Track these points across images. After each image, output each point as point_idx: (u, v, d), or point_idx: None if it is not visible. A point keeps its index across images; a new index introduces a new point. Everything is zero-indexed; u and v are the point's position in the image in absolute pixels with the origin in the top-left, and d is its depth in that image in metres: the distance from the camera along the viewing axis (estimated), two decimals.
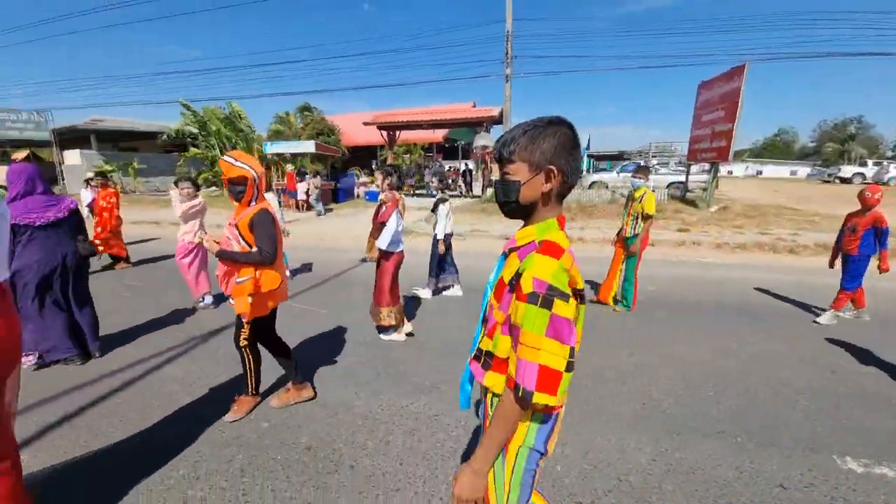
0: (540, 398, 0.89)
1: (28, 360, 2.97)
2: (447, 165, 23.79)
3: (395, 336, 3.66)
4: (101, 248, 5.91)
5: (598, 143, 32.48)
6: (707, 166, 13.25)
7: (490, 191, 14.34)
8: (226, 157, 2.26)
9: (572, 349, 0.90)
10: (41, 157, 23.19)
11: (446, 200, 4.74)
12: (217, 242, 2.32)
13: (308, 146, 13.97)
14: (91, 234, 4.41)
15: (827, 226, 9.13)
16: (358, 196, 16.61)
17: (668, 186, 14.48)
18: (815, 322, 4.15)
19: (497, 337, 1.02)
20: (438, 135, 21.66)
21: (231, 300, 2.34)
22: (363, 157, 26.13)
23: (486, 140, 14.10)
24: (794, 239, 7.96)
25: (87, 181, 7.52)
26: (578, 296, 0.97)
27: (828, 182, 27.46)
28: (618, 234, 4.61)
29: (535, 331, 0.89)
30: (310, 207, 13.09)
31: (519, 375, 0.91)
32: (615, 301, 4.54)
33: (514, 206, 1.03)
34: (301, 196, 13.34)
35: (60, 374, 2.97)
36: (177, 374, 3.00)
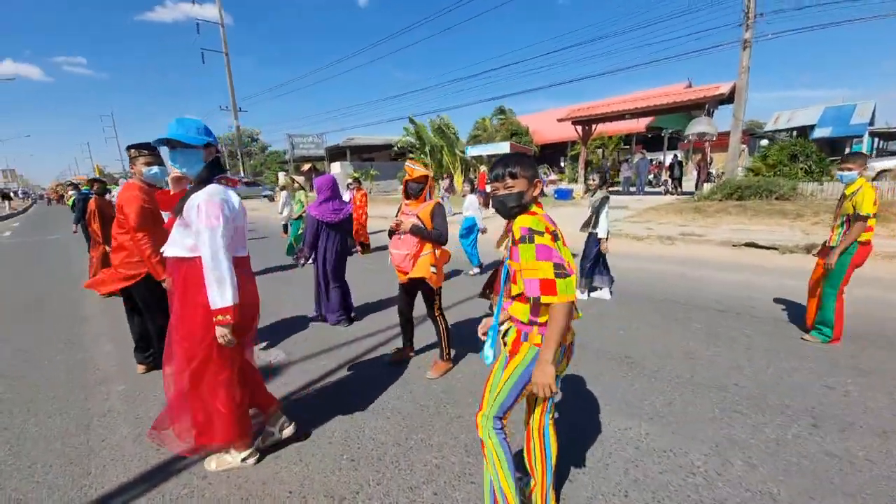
0: (546, 299, 1.34)
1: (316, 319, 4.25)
2: (651, 158, 21.02)
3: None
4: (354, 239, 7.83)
5: (889, 115, 22.32)
6: None
7: (707, 186, 11.93)
8: (409, 164, 2.85)
9: (556, 264, 1.34)
10: (318, 168, 32.33)
11: (608, 199, 4.60)
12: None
13: (503, 147, 14.80)
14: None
15: None
16: (545, 195, 16.56)
17: None
18: None
19: (519, 281, 1.44)
20: (641, 125, 19.31)
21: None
22: (554, 154, 25.83)
23: (704, 125, 11.76)
24: None
25: (348, 185, 10.03)
26: (553, 234, 1.41)
27: None
28: (823, 244, 3.44)
29: (529, 257, 1.36)
30: None
31: (528, 290, 1.37)
32: (811, 329, 3.43)
33: (518, 209, 1.46)
34: None
35: (334, 333, 4.11)
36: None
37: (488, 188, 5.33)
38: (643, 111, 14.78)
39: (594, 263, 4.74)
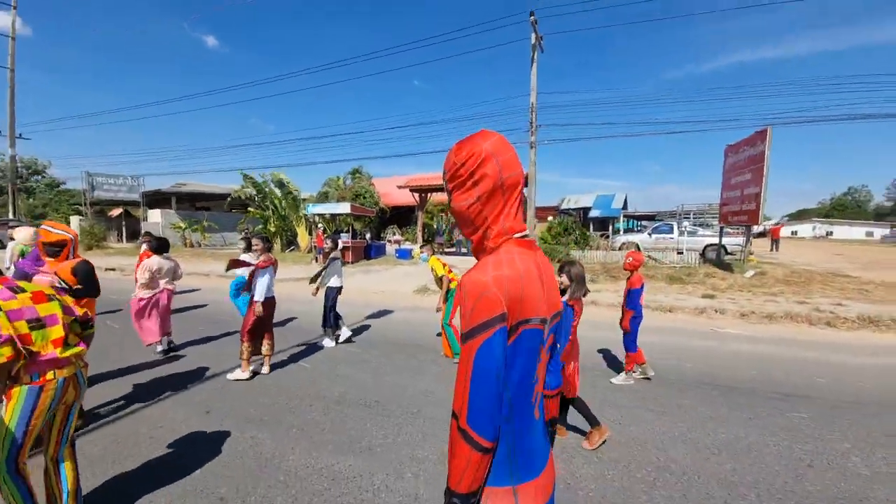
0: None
1: None
2: None
3: (237, 372, 4.21)
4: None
5: (638, 204, 31.76)
6: (756, 228, 12.59)
7: None
8: (45, 226, 3.02)
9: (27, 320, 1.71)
10: (132, 214, 27.19)
11: (338, 258, 5.65)
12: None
13: (344, 207, 15.26)
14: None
15: (881, 296, 8.19)
16: (389, 254, 17.47)
17: (704, 249, 13.83)
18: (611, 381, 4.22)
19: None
20: None
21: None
22: (403, 216, 27.69)
23: None
24: (834, 310, 7.22)
25: (139, 241, 8.75)
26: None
27: None
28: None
29: None
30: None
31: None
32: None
33: None
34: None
35: None
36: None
37: (326, 245, 5.53)
38: None
39: (334, 312, 5.54)
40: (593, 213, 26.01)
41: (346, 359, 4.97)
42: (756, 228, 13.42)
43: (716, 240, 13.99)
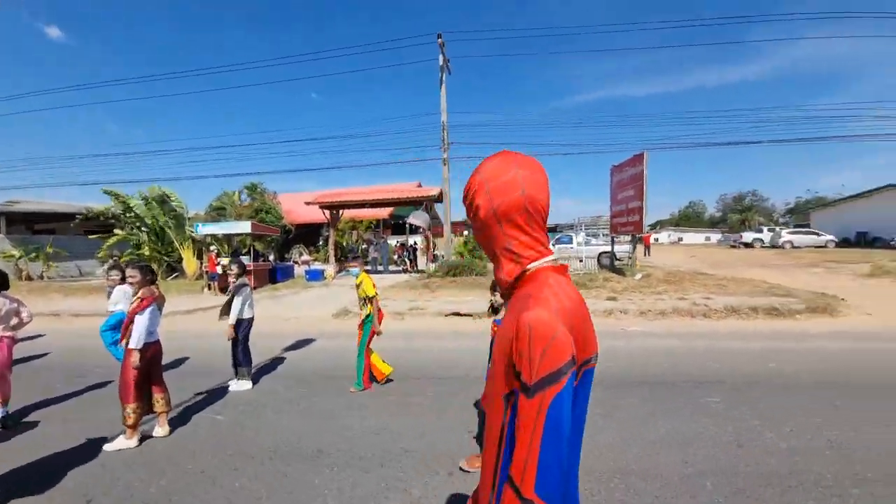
0: None
1: None
2: (395, 241, 24.12)
3: (120, 441, 3.25)
4: None
5: None
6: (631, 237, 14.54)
7: (433, 266, 14.51)
8: None
9: None
10: None
11: (247, 285, 4.83)
12: None
13: (244, 226, 13.62)
14: None
15: (734, 289, 10.05)
16: (298, 276, 16.08)
17: (598, 256, 15.55)
18: None
19: None
20: (384, 212, 22.25)
21: None
22: (310, 234, 25.93)
23: (420, 219, 14.53)
24: (706, 304, 8.61)
25: None
26: None
27: (734, 247, 31.05)
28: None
29: None
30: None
31: None
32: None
33: None
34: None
35: None
36: None
37: (218, 269, 4.50)
38: (381, 202, 17.12)
39: (244, 349, 4.73)
40: None
41: (267, 402, 4.25)
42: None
43: (608, 248, 15.85)
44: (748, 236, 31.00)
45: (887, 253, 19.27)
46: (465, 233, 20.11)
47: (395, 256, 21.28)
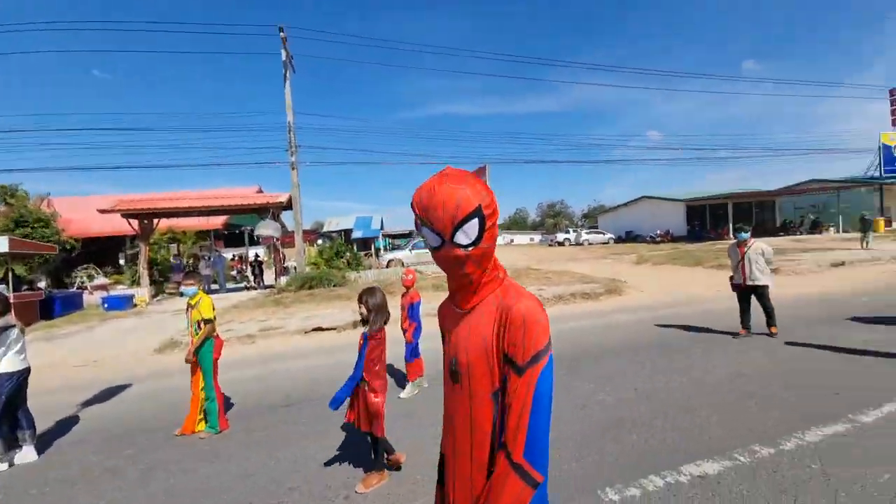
0: None
1: None
2: (231, 254, 20.96)
3: None
4: None
5: (391, 224, 35.41)
6: None
7: (284, 279, 13.15)
8: None
9: None
10: None
11: (14, 325, 3.47)
12: None
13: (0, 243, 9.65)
14: None
15: (557, 280, 12.21)
16: (91, 304, 12.34)
17: None
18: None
19: None
20: (217, 221, 19.09)
21: None
22: (106, 250, 20.31)
23: (271, 229, 13.09)
24: (540, 294, 10.22)
25: None
26: None
27: (552, 245, 37.96)
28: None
29: None
30: None
31: None
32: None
33: None
34: None
35: None
36: None
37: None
38: (214, 210, 14.63)
39: (8, 412, 3.41)
40: (356, 234, 26.99)
41: (69, 475, 3.10)
42: None
43: None
44: (560, 237, 38.33)
45: (646, 245, 26.63)
46: (320, 241, 18.91)
47: (234, 272, 18.52)
